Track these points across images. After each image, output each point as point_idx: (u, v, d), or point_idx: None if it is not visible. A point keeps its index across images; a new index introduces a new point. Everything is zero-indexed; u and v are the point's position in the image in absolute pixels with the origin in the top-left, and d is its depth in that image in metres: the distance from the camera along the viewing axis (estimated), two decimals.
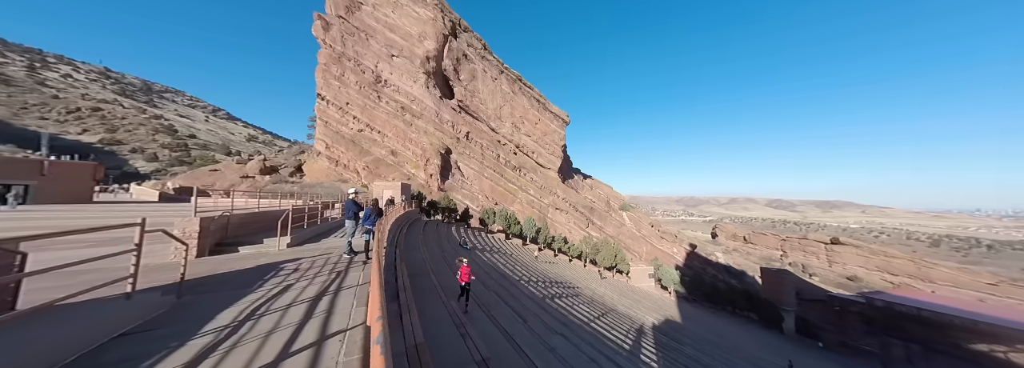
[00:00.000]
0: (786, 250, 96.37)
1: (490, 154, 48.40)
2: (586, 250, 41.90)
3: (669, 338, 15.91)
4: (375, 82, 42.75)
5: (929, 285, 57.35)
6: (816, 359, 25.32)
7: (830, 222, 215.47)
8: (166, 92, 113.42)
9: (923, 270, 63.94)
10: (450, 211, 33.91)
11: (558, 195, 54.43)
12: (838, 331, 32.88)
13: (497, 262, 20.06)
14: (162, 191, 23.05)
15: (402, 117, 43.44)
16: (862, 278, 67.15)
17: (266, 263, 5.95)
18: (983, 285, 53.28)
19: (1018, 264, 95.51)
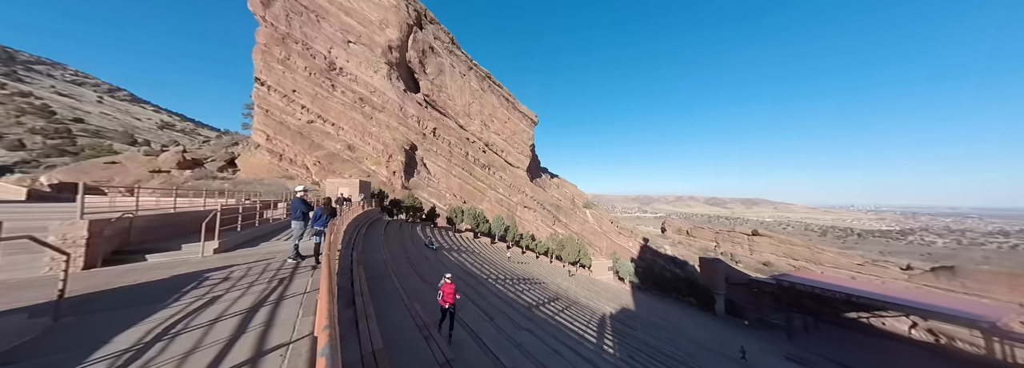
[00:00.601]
0: (719, 241, 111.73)
1: (459, 151, 47.01)
2: (552, 246, 43.14)
3: (624, 325, 16.82)
4: (328, 69, 38.51)
5: (819, 267, 71.52)
6: (743, 336, 28.56)
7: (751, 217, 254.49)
8: (37, 64, 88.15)
9: (816, 255, 79.32)
10: (415, 210, 32.10)
11: (527, 193, 55.14)
12: (756, 309, 38.72)
13: (465, 261, 19.57)
14: (32, 188, 17.77)
15: (361, 109, 39.84)
16: (773, 263, 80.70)
17: (185, 273, 5.09)
18: (854, 265, 67.98)
19: (877, 248, 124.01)
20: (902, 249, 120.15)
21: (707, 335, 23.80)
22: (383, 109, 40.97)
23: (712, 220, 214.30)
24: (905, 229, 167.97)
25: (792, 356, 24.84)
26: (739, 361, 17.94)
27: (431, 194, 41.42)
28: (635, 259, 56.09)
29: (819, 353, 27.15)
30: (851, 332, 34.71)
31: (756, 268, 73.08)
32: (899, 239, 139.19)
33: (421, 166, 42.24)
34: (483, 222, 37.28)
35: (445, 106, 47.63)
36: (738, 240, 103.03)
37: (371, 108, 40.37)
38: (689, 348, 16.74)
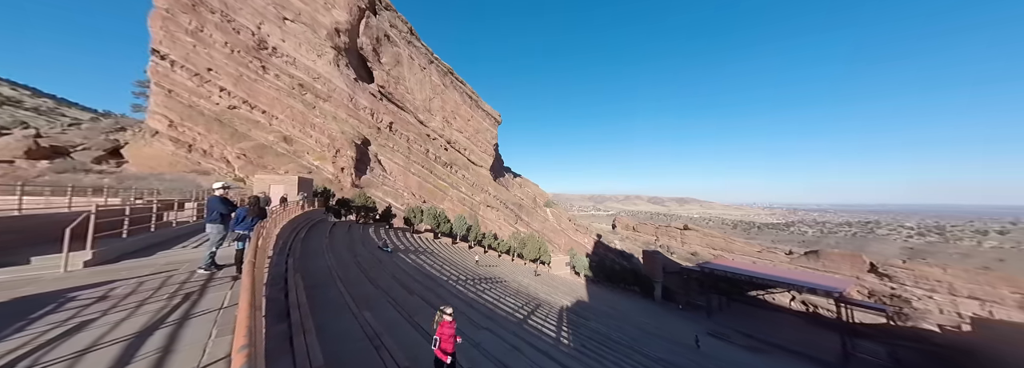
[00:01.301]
0: (658, 236, 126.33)
1: (418, 148, 44.12)
2: (515, 245, 43.16)
3: (578, 316, 17.42)
4: (257, 48, 32.70)
5: (731, 255, 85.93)
6: (676, 318, 31.72)
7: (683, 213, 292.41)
8: None
9: (729, 245, 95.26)
10: (368, 210, 28.98)
11: (490, 193, 54.39)
12: (685, 293, 43.75)
13: (423, 263, 18.28)
14: None
15: (301, 97, 34.70)
16: (699, 253, 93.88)
17: (37, 294, 3.96)
18: (755, 252, 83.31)
19: (770, 237, 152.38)
20: (786, 238, 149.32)
21: (649, 319, 25.64)
22: (329, 98, 36.34)
23: (653, 217, 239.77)
24: (789, 222, 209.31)
25: (711, 331, 28.23)
26: (673, 340, 19.90)
27: (387, 193, 38.03)
28: (590, 254, 59.22)
29: (731, 327, 31.88)
30: (753, 307, 41.96)
31: (686, 258, 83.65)
32: (784, 230, 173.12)
33: (375, 163, 38.54)
34: (444, 222, 35.48)
35: (403, 100, 44.35)
36: (672, 234, 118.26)
37: (314, 96, 35.45)
38: (634, 333, 17.78)
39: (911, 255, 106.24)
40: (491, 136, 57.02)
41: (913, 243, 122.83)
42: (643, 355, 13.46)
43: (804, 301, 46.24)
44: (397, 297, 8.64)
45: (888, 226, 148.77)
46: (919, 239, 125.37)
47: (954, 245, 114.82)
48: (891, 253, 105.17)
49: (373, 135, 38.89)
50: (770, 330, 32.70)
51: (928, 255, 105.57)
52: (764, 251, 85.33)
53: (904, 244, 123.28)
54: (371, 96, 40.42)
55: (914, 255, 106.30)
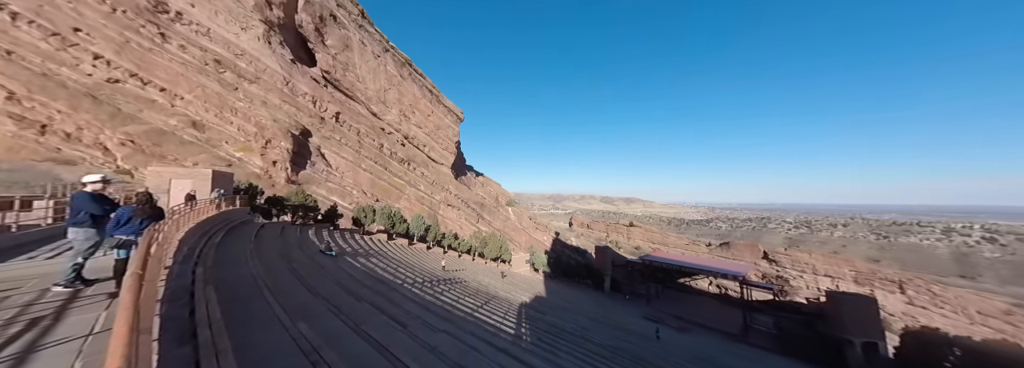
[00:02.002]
0: (608, 232, 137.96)
1: (371, 142, 40.15)
2: (476, 244, 42.25)
3: (536, 311, 17.65)
4: (155, 9, 26.00)
5: (666, 248, 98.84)
6: (622, 306, 34.13)
7: (629, 212, 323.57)
8: None
9: (665, 239, 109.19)
10: (307, 210, 25.22)
11: (451, 191, 52.38)
12: (629, 284, 48.10)
13: (375, 267, 16.65)
14: None
15: (217, 75, 28.69)
16: (642, 247, 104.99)
17: None
18: (684, 245, 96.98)
19: (695, 232, 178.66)
20: (706, 232, 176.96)
21: (598, 309, 26.98)
22: (257, 80, 30.77)
23: (604, 215, 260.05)
24: (709, 218, 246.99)
25: (648, 316, 31.15)
26: (618, 327, 21.53)
27: (332, 191, 33.76)
28: (548, 251, 61.13)
29: (665, 311, 36.08)
30: (681, 293, 48.36)
31: (631, 251, 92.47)
32: (705, 225, 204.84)
33: (318, 156, 33.92)
34: (400, 222, 32.87)
35: (353, 88, 39.94)
36: (620, 231, 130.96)
37: (236, 76, 29.63)
38: (585, 323, 18.40)
39: (789, 244, 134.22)
40: (453, 133, 55.04)
41: (791, 234, 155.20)
42: (592, 343, 14.10)
43: (718, 285, 54.64)
44: (342, 305, 7.77)
45: (776, 221, 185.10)
46: (795, 231, 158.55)
47: (816, 236, 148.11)
48: (777, 243, 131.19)
49: (315, 125, 34.24)
50: (694, 311, 37.70)
51: (800, 244, 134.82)
52: (690, 244, 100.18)
53: (786, 235, 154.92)
54: (313, 82, 35.56)
55: (791, 244, 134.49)
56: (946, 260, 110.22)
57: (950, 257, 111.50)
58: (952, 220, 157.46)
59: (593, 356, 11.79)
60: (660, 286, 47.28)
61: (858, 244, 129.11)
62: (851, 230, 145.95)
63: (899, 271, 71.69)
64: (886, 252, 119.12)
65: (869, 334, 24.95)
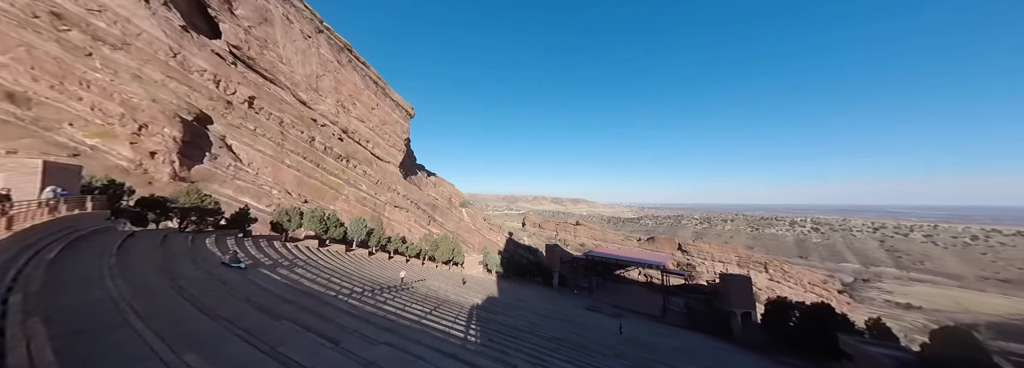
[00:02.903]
0: (558, 231, 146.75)
1: (297, 135, 34.28)
2: (426, 247, 39.67)
3: (488, 312, 17.36)
4: None
5: (606, 243, 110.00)
6: (568, 300, 35.79)
7: (576, 211, 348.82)
8: None
9: (605, 236, 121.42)
10: (205, 213, 20.01)
11: (398, 192, 48.24)
12: (574, 278, 51.82)
13: (301, 278, 14.26)
14: None
15: (56, 33, 20.87)
16: (586, 244, 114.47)
17: None
18: (620, 240, 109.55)
19: (628, 229, 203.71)
20: (637, 228, 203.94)
21: (548, 305, 27.83)
22: (125, 47, 23.37)
23: (555, 215, 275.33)
24: (639, 217, 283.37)
25: (590, 307, 33.46)
26: (564, 319, 22.58)
27: (242, 190, 27.60)
28: (502, 251, 61.29)
29: (603, 301, 39.65)
30: (617, 283, 54.13)
31: (577, 248, 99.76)
32: (637, 223, 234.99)
33: (222, 148, 27.38)
34: (336, 226, 28.67)
35: (273, 70, 33.64)
36: (568, 229, 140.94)
37: (90, 38, 22.01)
38: (534, 319, 18.56)
39: (696, 237, 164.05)
40: (401, 129, 51.03)
41: (698, 229, 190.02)
42: (540, 337, 14.28)
43: (645, 274, 62.68)
44: (253, 326, 6.72)
45: (686, 219, 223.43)
46: (700, 226, 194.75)
47: (714, 229, 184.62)
48: (687, 236, 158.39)
49: (217, 110, 27.70)
50: (627, 299, 42.31)
51: (703, 236, 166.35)
52: (624, 239, 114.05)
53: (694, 230, 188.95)
54: (215, 57, 28.81)
55: (698, 237, 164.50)
56: (791, 245, 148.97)
57: (793, 243, 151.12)
58: (795, 215, 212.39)
59: (540, 349, 11.84)
60: (600, 278, 51.76)
61: (740, 235, 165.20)
62: (735, 225, 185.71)
63: (764, 255, 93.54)
64: (757, 241, 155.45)
65: (746, 306, 31.27)
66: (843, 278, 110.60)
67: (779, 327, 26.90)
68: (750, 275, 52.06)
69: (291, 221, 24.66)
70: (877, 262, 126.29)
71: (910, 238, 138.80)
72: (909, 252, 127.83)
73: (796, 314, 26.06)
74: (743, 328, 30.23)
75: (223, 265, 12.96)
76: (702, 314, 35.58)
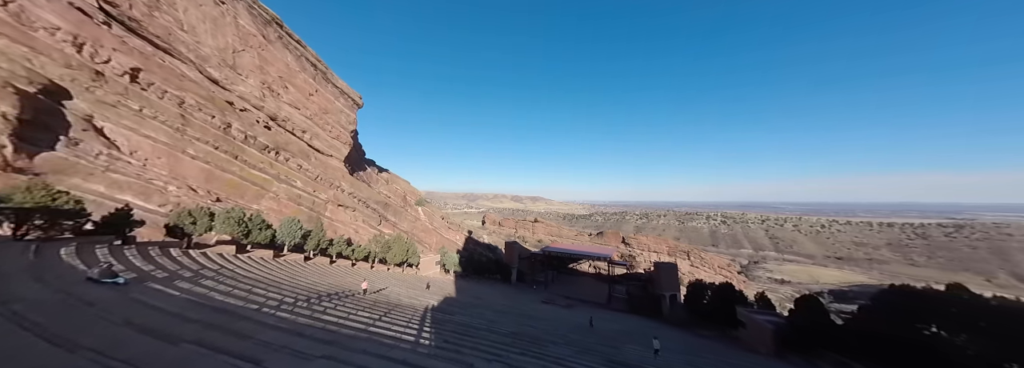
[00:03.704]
0: (517, 228, 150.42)
1: (204, 119, 28.18)
2: (376, 249, 36.63)
3: (444, 313, 17.09)
4: None
5: (562, 239, 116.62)
6: (525, 294, 37.10)
7: (535, 209, 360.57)
8: None
9: (561, 232, 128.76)
10: (57, 215, 15.12)
11: (343, 189, 43.42)
12: (532, 273, 54.15)
13: (210, 292, 12.22)
14: None
15: None
16: (543, 240, 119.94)
17: None
18: (573, 236, 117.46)
19: (582, 225, 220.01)
20: (589, 224, 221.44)
21: (506, 301, 28.35)
22: None
23: (514, 213, 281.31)
24: (591, 213, 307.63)
25: (545, 300, 34.86)
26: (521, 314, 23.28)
27: (118, 185, 21.62)
28: (461, 250, 60.17)
29: (557, 293, 42.14)
30: (570, 276, 58.09)
31: (535, 244, 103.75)
32: (588, 219, 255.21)
33: (86, 131, 20.99)
34: (261, 228, 24.46)
35: (169, 38, 27.04)
36: (527, 226, 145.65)
37: None
38: (491, 316, 18.46)
39: (637, 230, 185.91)
40: (347, 120, 45.99)
41: (638, 224, 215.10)
42: (497, 333, 14.21)
43: (594, 266, 68.40)
44: (136, 355, 5.63)
45: (629, 214, 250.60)
46: (640, 221, 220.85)
47: (651, 223, 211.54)
48: (629, 230, 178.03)
49: (80, 82, 21.23)
50: (577, 290, 45.65)
51: (642, 230, 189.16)
52: (577, 234, 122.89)
53: (635, 224, 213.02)
54: (77, 13, 22.01)
55: (638, 230, 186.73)
56: (706, 235, 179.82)
57: (708, 233, 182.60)
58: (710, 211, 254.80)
59: (497, 345, 11.84)
60: (555, 272, 54.72)
61: (670, 228, 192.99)
62: (667, 219, 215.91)
63: (688, 244, 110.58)
64: (682, 233, 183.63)
65: (673, 289, 36.51)
66: (741, 261, 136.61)
67: (696, 305, 31.83)
68: (677, 262, 60.55)
69: (196, 223, 20.34)
70: (764, 247, 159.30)
71: (784, 228, 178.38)
72: (783, 239, 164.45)
73: (709, 293, 31.10)
74: (670, 308, 35.03)
75: (91, 281, 10.17)
76: (640, 299, 40.16)
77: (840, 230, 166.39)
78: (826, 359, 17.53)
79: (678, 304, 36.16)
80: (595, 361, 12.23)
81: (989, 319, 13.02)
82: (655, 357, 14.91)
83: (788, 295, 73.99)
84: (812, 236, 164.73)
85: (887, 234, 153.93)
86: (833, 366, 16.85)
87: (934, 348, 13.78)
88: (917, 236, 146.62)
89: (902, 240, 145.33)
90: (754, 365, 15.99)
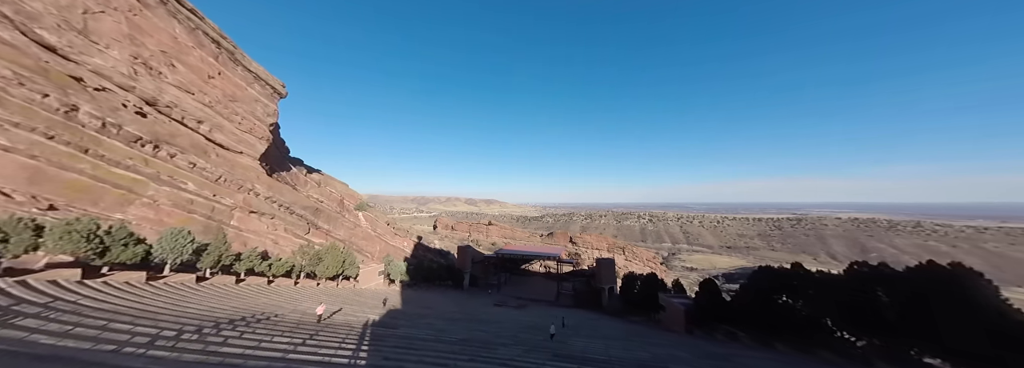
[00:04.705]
0: (471, 232, 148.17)
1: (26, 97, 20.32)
2: (302, 262, 31.73)
3: (386, 327, 16.02)
4: None
5: (515, 240, 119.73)
6: (478, 299, 36.92)
7: (490, 212, 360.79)
8: None
9: (515, 234, 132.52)
10: None
11: (257, 193, 36.33)
12: (485, 276, 54.34)
13: (34, 336, 9.20)
14: None
15: None
16: (497, 243, 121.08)
17: None
18: (526, 237, 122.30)
19: (535, 226, 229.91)
20: (542, 225, 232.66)
21: (456, 308, 27.69)
22: None
23: (468, 216, 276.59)
24: (543, 215, 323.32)
25: (497, 302, 35.16)
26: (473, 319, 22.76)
27: None
28: (409, 258, 56.45)
29: (510, 295, 43.15)
30: (523, 276, 60.09)
31: (489, 247, 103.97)
32: (540, 220, 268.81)
33: None
34: (126, 243, 18.66)
35: None
36: (481, 230, 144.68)
37: None
38: (441, 325, 17.88)
39: (583, 230, 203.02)
40: (265, 111, 38.91)
41: (583, 223, 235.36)
42: (445, 342, 13.60)
43: (545, 265, 72.03)
44: None
45: (577, 215, 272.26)
46: (585, 221, 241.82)
47: (594, 223, 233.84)
48: (576, 230, 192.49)
49: None
50: (529, 290, 47.41)
51: (588, 229, 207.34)
52: (530, 236, 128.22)
53: (581, 224, 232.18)
54: None
55: (584, 230, 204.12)
56: (637, 232, 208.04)
57: (639, 231, 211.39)
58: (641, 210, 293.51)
59: (445, 355, 11.43)
60: (508, 274, 55.69)
61: (610, 227, 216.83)
62: (607, 219, 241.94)
63: (623, 241, 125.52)
64: (619, 231, 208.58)
65: (611, 282, 40.92)
66: (663, 253, 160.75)
67: (629, 295, 36.13)
68: (614, 258, 68.04)
69: (8, 241, 14.58)
70: (679, 240, 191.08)
71: (693, 224, 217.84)
72: (692, 233, 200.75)
73: (638, 284, 35.66)
74: (609, 300, 38.96)
75: None
76: (584, 293, 43.59)
77: (729, 225, 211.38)
78: (720, 331, 21.72)
79: (615, 295, 40.36)
80: (542, 358, 12.76)
81: (814, 287, 17.97)
82: (551, 340, 16.33)
83: (695, 280, 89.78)
84: (711, 230, 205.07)
85: (757, 227, 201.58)
86: (725, 336, 20.99)
87: (783, 313, 18.39)
88: (775, 228, 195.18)
89: (766, 231, 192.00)
90: (669, 343, 18.80)
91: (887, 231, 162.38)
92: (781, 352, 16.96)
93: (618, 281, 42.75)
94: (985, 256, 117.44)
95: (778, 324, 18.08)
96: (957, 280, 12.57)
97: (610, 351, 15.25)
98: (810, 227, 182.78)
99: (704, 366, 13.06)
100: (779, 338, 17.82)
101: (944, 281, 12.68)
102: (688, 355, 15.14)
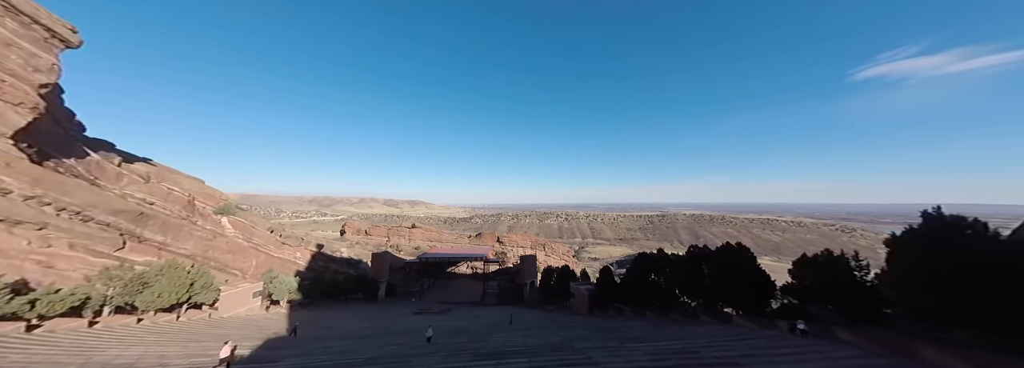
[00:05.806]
0: (390, 236, 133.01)
1: None
2: (109, 291, 21.66)
3: (264, 361, 13.84)
4: None
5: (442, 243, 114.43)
6: (394, 310, 33.92)
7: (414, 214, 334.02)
8: None
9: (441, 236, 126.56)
10: None
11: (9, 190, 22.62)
12: (406, 284, 50.13)
13: None
14: None
15: None
16: (421, 247, 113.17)
17: None
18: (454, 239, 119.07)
19: (463, 227, 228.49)
20: (470, 227, 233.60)
21: (366, 323, 24.86)
22: None
23: (387, 219, 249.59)
24: (471, 216, 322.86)
25: (419, 310, 32.91)
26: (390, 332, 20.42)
27: None
28: (302, 271, 46.42)
29: (433, 300, 41.19)
30: (450, 280, 58.23)
31: (411, 252, 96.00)
32: (469, 222, 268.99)
33: None
34: None
35: None
36: (402, 233, 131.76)
37: None
38: (343, 346, 16.11)
39: (509, 229, 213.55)
40: (29, 63, 24.74)
41: (511, 223, 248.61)
42: (348, 365, 12.38)
43: (472, 266, 71.77)
44: None
45: (504, 216, 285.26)
46: (512, 221, 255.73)
47: (520, 223, 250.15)
48: (503, 229, 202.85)
49: None
50: (455, 293, 46.24)
51: (514, 229, 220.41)
52: (457, 237, 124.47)
53: (508, 224, 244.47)
54: None
55: (510, 229, 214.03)
56: (556, 230, 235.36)
57: (557, 228, 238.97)
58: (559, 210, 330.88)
59: None
60: (433, 279, 52.59)
61: (533, 226, 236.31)
62: (531, 219, 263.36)
63: (544, 238, 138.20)
64: (541, 229, 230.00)
65: (532, 277, 44.16)
66: (575, 247, 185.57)
67: (547, 287, 39.62)
68: (536, 254, 73.41)
69: None
70: (587, 235, 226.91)
71: (598, 221, 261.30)
72: (596, 228, 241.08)
73: (555, 276, 39.56)
74: (530, 293, 41.84)
75: None
76: (509, 290, 45.34)
77: (622, 221, 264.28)
78: (612, 308, 26.42)
79: (535, 289, 43.64)
80: (463, 360, 12.51)
81: (670, 266, 23.95)
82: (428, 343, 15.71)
83: (598, 268, 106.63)
84: (610, 226, 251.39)
85: (639, 222, 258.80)
86: (615, 312, 25.66)
87: (651, 289, 23.89)
88: (649, 223, 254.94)
89: (644, 225, 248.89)
90: (576, 325, 21.62)
91: (709, 223, 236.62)
92: (649, 318, 21.94)
93: (539, 275, 46.37)
94: (752, 238, 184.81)
95: (649, 297, 23.37)
96: (740, 254, 19.31)
97: (527, 341, 16.32)
98: (669, 222, 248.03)
99: (599, 339, 15.60)
100: (649, 308, 23.05)
101: (734, 256, 19.27)
102: (589, 333, 17.73)
